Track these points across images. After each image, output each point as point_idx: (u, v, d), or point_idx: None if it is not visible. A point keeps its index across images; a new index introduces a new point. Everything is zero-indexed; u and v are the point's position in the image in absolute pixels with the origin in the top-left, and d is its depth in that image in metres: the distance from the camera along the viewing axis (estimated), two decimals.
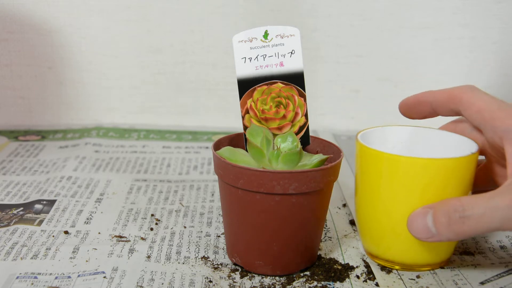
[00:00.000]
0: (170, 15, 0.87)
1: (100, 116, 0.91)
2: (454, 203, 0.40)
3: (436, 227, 0.41)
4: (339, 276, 0.47)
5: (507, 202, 0.38)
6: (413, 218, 0.43)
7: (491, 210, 0.39)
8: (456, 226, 0.40)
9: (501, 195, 0.39)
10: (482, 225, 0.39)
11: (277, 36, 0.49)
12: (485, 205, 0.39)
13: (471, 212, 0.39)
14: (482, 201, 0.39)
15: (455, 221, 0.40)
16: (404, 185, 0.45)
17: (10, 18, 0.85)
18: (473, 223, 0.39)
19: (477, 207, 0.39)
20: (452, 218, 0.40)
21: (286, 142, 0.49)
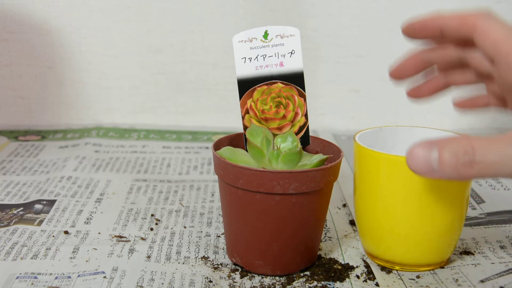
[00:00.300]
0: (170, 15, 0.87)
1: (100, 116, 0.91)
2: (465, 144, 0.36)
3: (440, 164, 0.37)
4: (339, 276, 0.47)
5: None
6: (415, 150, 0.38)
7: (504, 158, 0.35)
8: (462, 168, 0.37)
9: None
10: (491, 171, 0.36)
11: (277, 36, 0.49)
12: (499, 153, 0.36)
13: (482, 158, 0.36)
14: (496, 147, 0.36)
15: (463, 163, 0.36)
16: (403, 186, 0.45)
17: (10, 18, 0.85)
18: (482, 169, 0.36)
19: (490, 153, 0.36)
20: (460, 159, 0.36)
21: (286, 142, 0.49)
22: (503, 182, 0.68)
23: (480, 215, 0.59)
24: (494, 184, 0.67)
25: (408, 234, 0.46)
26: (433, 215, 0.46)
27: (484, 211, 0.60)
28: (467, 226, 0.57)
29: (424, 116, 0.90)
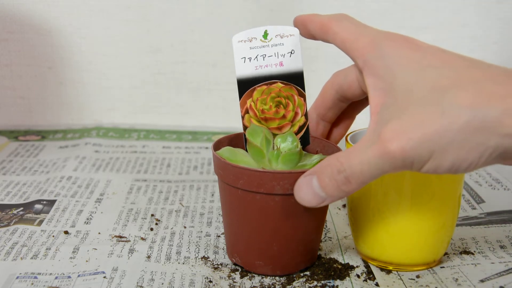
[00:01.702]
0: (170, 15, 0.87)
1: (100, 116, 0.91)
2: (335, 164, 0.39)
3: (325, 191, 0.39)
4: (339, 275, 0.47)
5: (377, 153, 0.36)
6: (299, 189, 0.41)
7: (367, 165, 0.37)
8: (344, 186, 0.38)
9: (371, 145, 0.37)
10: (367, 178, 0.38)
11: (276, 36, 0.49)
12: (360, 161, 0.37)
13: (350, 171, 0.38)
14: (356, 156, 0.38)
15: (342, 182, 0.38)
16: (395, 185, 0.45)
17: (10, 18, 0.85)
18: (358, 179, 0.38)
19: (354, 164, 0.38)
20: (338, 179, 0.38)
21: (286, 142, 0.49)
22: (503, 182, 0.68)
23: (480, 215, 0.59)
24: (494, 184, 0.67)
25: (401, 234, 0.47)
26: (425, 214, 0.46)
27: (484, 211, 0.60)
28: (467, 226, 0.57)
29: None
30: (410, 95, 0.37)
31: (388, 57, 0.38)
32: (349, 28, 0.42)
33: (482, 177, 0.69)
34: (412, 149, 0.35)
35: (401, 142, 0.35)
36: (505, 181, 0.68)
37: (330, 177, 0.39)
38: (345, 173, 0.38)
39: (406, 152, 0.36)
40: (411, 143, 0.35)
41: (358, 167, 0.37)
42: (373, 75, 0.39)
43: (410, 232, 0.47)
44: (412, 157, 0.36)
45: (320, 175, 0.39)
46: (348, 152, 0.38)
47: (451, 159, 0.36)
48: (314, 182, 0.40)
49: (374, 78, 0.39)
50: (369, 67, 0.39)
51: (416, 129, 0.35)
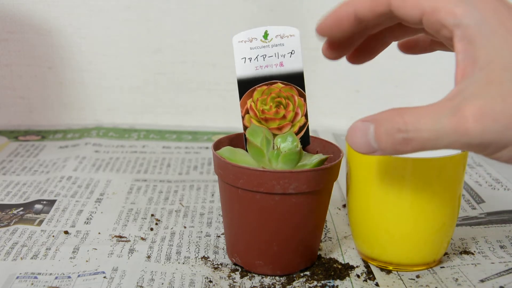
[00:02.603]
0: (170, 15, 0.87)
1: (100, 116, 0.91)
2: (398, 121, 0.35)
3: (379, 144, 0.36)
4: (339, 275, 0.47)
5: (453, 126, 0.33)
6: (353, 133, 0.38)
7: (437, 134, 0.34)
8: (399, 146, 0.35)
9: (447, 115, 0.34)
10: (427, 147, 0.35)
11: (277, 36, 0.49)
12: (430, 127, 0.34)
13: (415, 134, 0.34)
14: (427, 121, 0.34)
15: (399, 141, 0.35)
16: (395, 186, 0.45)
17: (10, 18, 0.85)
18: (418, 146, 0.35)
19: (421, 129, 0.34)
20: (395, 138, 0.35)
21: (286, 142, 0.49)
22: (503, 182, 0.68)
23: (480, 215, 0.59)
24: (494, 184, 0.67)
25: (401, 234, 0.47)
26: (425, 214, 0.46)
27: (484, 211, 0.60)
28: (467, 226, 0.57)
29: None
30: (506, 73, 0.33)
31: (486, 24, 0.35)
32: None
33: (482, 177, 0.69)
34: (494, 133, 0.33)
35: (484, 123, 0.33)
36: (505, 181, 0.68)
37: (387, 133, 0.35)
38: (406, 134, 0.35)
39: (486, 134, 0.33)
40: (495, 127, 0.33)
41: (425, 134, 0.34)
42: (466, 41, 0.35)
43: (410, 232, 0.47)
44: (491, 140, 0.33)
45: (378, 125, 0.36)
46: (417, 113, 0.35)
47: None
48: (370, 131, 0.36)
49: (467, 45, 0.35)
50: (463, 31, 0.35)
51: (503, 112, 0.32)
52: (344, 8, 0.40)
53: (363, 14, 0.39)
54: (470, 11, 0.35)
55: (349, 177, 0.49)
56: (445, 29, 0.36)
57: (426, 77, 0.90)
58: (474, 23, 0.35)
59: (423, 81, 0.90)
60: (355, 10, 0.39)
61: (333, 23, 0.40)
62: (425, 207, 0.46)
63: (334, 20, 0.40)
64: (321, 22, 0.41)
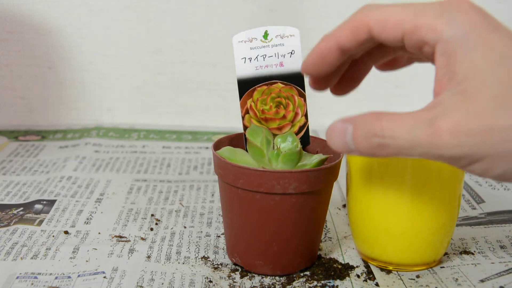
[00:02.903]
0: (170, 15, 0.87)
1: (100, 116, 0.91)
2: (375, 125, 0.36)
3: (356, 145, 0.37)
4: (339, 275, 0.47)
5: (428, 138, 0.34)
6: (332, 132, 0.38)
7: (411, 143, 0.34)
8: (375, 150, 0.36)
9: (423, 126, 0.34)
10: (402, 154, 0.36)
11: (277, 36, 0.49)
12: (405, 136, 0.34)
13: (390, 141, 0.35)
14: (401, 130, 0.35)
15: (375, 145, 0.36)
16: (395, 186, 0.45)
17: (10, 18, 0.85)
18: (392, 152, 0.35)
19: (397, 137, 0.35)
20: (372, 142, 0.36)
21: (286, 142, 0.49)
22: (503, 182, 0.68)
23: (480, 215, 0.59)
24: (494, 184, 0.67)
25: (401, 234, 0.47)
26: (425, 214, 0.46)
27: (484, 211, 0.60)
28: (467, 226, 0.57)
29: None
30: (482, 89, 0.34)
31: (466, 38, 0.35)
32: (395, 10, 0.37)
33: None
34: (467, 147, 0.33)
35: (458, 138, 0.33)
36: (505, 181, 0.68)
37: (364, 136, 0.36)
38: (382, 140, 0.35)
39: (459, 148, 0.33)
40: (469, 141, 0.33)
41: (399, 142, 0.35)
42: (446, 55, 0.35)
43: (410, 232, 0.47)
44: (464, 154, 0.33)
45: (356, 127, 0.37)
46: (394, 120, 0.35)
47: (505, 167, 0.34)
48: (348, 131, 0.37)
49: (447, 59, 0.36)
50: (443, 45, 0.35)
51: (477, 128, 0.33)
52: (326, 43, 0.40)
53: (346, 45, 0.39)
54: (450, 25, 0.35)
55: (349, 177, 0.49)
56: (427, 46, 0.36)
57: (426, 77, 0.89)
58: (454, 37, 0.35)
59: (423, 81, 0.90)
60: (338, 43, 0.40)
61: (318, 59, 0.41)
62: (425, 207, 0.46)
63: (318, 56, 0.41)
64: (305, 61, 0.41)
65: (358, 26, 0.39)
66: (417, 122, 0.35)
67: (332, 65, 0.41)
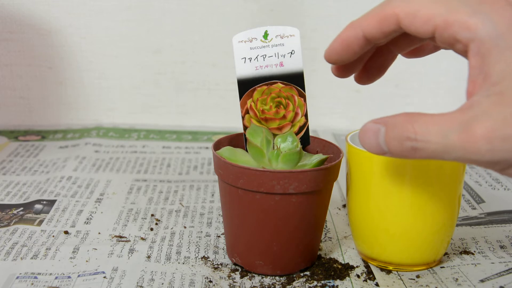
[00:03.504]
0: (170, 15, 0.87)
1: (100, 116, 0.91)
2: (408, 129, 0.35)
3: (388, 148, 0.36)
4: (339, 275, 0.47)
5: (462, 142, 0.33)
6: (365, 133, 0.37)
7: (445, 147, 0.34)
8: (408, 153, 0.35)
9: (457, 131, 0.33)
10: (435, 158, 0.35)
11: (277, 36, 0.49)
12: (439, 140, 0.34)
13: (423, 145, 0.34)
14: (435, 134, 0.34)
15: (407, 149, 0.35)
16: (395, 186, 0.45)
17: (10, 18, 0.85)
18: (425, 155, 0.35)
19: (430, 141, 0.34)
20: (404, 145, 0.35)
21: (286, 142, 0.49)
22: (503, 182, 0.68)
23: (480, 215, 0.59)
24: (494, 184, 0.67)
25: (401, 234, 0.47)
26: (425, 214, 0.46)
27: (484, 211, 0.60)
28: (467, 226, 0.57)
29: None
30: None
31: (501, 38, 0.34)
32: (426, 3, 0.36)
33: (482, 177, 0.70)
34: (503, 152, 0.33)
35: (493, 143, 0.32)
36: (505, 181, 0.68)
37: (397, 139, 0.35)
38: (415, 144, 0.35)
39: (496, 153, 0.33)
40: (505, 146, 0.32)
41: (433, 146, 0.34)
42: (480, 55, 0.34)
43: (410, 232, 0.47)
44: (500, 159, 0.33)
45: (389, 129, 0.36)
46: (427, 124, 0.34)
47: None
48: (381, 133, 0.36)
49: (481, 60, 0.35)
50: (477, 45, 0.34)
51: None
52: (351, 31, 0.39)
53: (372, 34, 0.38)
54: (485, 24, 0.34)
55: (349, 177, 0.49)
56: (459, 43, 0.35)
57: (426, 76, 0.90)
58: (489, 37, 0.34)
59: (423, 81, 0.90)
60: (363, 32, 0.39)
61: (342, 47, 0.40)
62: (425, 207, 0.46)
63: (342, 44, 0.40)
64: (329, 48, 0.41)
65: (386, 17, 0.37)
66: (451, 125, 0.34)
67: (356, 53, 0.40)
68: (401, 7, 0.37)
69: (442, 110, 0.96)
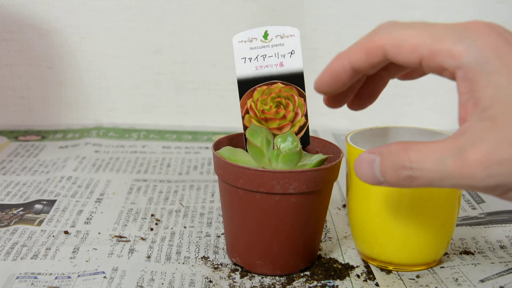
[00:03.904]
0: (170, 15, 0.87)
1: (100, 116, 0.91)
2: (403, 157, 0.35)
3: (384, 177, 0.36)
4: (339, 275, 0.47)
5: (457, 169, 0.33)
6: (360, 164, 0.37)
7: (441, 175, 0.34)
8: (404, 182, 0.35)
9: (452, 157, 0.33)
10: (433, 185, 0.35)
11: (277, 36, 0.49)
12: (434, 168, 0.34)
13: (419, 173, 0.34)
14: (430, 161, 0.34)
15: (404, 178, 0.35)
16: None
17: (10, 18, 0.85)
18: (422, 183, 0.35)
19: (425, 169, 0.34)
20: (400, 174, 0.35)
21: (286, 142, 0.49)
22: None
23: (480, 215, 0.59)
24: None
25: (401, 234, 0.47)
26: (425, 214, 0.46)
27: (484, 211, 0.60)
28: (467, 226, 0.57)
29: (424, 116, 0.90)
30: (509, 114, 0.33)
31: (487, 63, 0.34)
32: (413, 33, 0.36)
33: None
34: (499, 177, 0.32)
35: (489, 168, 0.32)
36: None
37: (392, 168, 0.35)
38: (411, 172, 0.35)
39: (492, 179, 0.33)
40: (501, 171, 0.32)
41: (429, 174, 0.34)
42: (468, 81, 0.34)
43: (410, 232, 0.47)
44: (497, 184, 0.33)
45: (384, 159, 0.36)
46: (421, 152, 0.34)
47: None
48: (376, 163, 0.36)
49: (469, 85, 0.34)
50: (464, 71, 0.34)
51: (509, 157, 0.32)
52: (339, 63, 0.39)
53: (359, 66, 0.39)
54: (469, 50, 0.34)
55: (349, 177, 0.49)
56: (446, 71, 0.35)
57: (426, 77, 0.89)
58: (475, 62, 0.34)
59: (423, 81, 0.90)
60: (351, 63, 0.39)
61: (330, 79, 0.40)
62: (425, 207, 0.46)
63: (331, 76, 0.40)
64: (318, 79, 0.41)
65: (372, 48, 0.38)
66: (445, 152, 0.34)
67: (345, 84, 0.40)
68: (386, 38, 0.37)
69: (442, 110, 0.97)
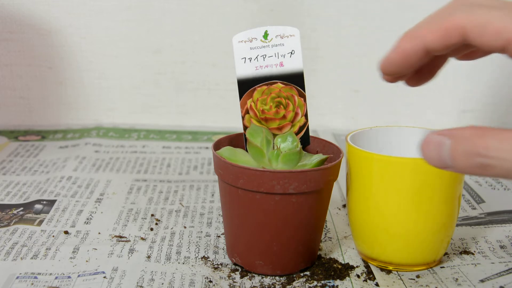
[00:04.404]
0: (170, 15, 0.87)
1: (100, 116, 0.91)
2: (479, 144, 0.32)
3: (454, 162, 0.34)
4: (339, 275, 0.47)
5: None
6: (427, 145, 0.35)
7: None
8: (477, 170, 0.33)
9: None
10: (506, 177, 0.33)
11: (277, 36, 0.49)
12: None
13: (496, 162, 0.32)
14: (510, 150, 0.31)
15: (477, 165, 0.33)
16: (395, 186, 0.45)
17: (10, 18, 0.85)
18: (498, 174, 0.32)
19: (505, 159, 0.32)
20: (474, 161, 0.33)
21: (286, 142, 0.49)
22: (503, 182, 0.68)
23: (480, 215, 0.59)
24: (494, 184, 0.67)
25: (401, 234, 0.47)
26: (425, 214, 0.46)
27: (484, 211, 0.60)
28: (467, 226, 0.57)
29: (425, 116, 0.90)
30: None
31: None
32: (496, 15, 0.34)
33: (482, 177, 0.70)
34: None
35: None
36: (505, 181, 0.68)
37: (465, 154, 0.33)
38: (486, 160, 0.32)
39: None
40: None
41: (508, 164, 0.32)
42: None
43: (410, 232, 0.47)
44: None
45: (456, 143, 0.33)
46: (501, 138, 0.32)
47: None
48: (445, 146, 0.34)
49: None
50: None
51: None
52: (411, 42, 0.37)
53: (434, 47, 0.36)
54: None
55: (349, 177, 0.49)
56: None
57: None
58: None
59: None
60: (425, 44, 0.37)
61: (400, 59, 0.38)
62: (425, 207, 0.46)
63: (401, 56, 0.38)
64: (386, 59, 0.39)
65: (450, 29, 0.35)
66: None
67: (415, 65, 0.38)
68: (467, 18, 0.35)
69: (442, 110, 0.97)
